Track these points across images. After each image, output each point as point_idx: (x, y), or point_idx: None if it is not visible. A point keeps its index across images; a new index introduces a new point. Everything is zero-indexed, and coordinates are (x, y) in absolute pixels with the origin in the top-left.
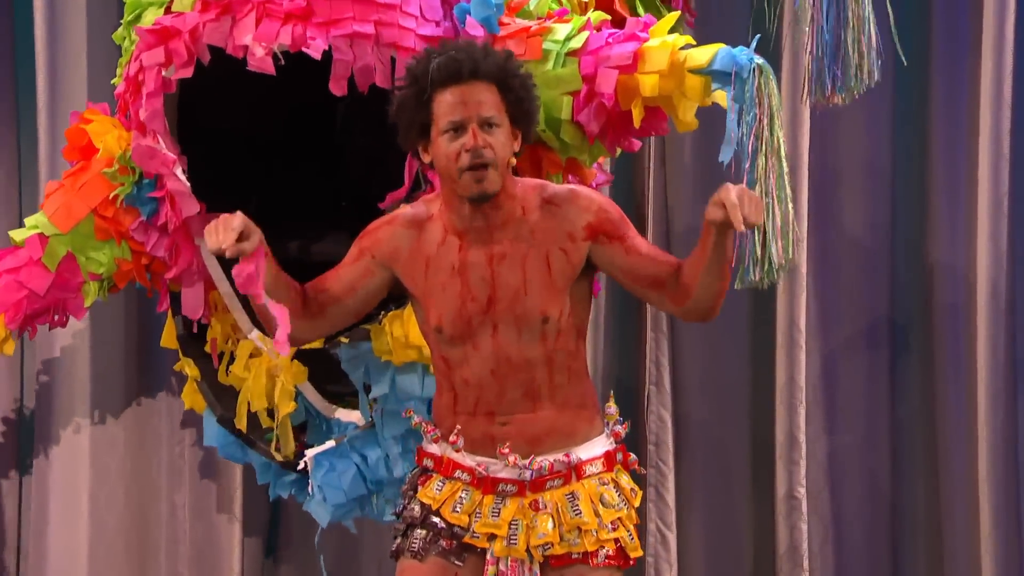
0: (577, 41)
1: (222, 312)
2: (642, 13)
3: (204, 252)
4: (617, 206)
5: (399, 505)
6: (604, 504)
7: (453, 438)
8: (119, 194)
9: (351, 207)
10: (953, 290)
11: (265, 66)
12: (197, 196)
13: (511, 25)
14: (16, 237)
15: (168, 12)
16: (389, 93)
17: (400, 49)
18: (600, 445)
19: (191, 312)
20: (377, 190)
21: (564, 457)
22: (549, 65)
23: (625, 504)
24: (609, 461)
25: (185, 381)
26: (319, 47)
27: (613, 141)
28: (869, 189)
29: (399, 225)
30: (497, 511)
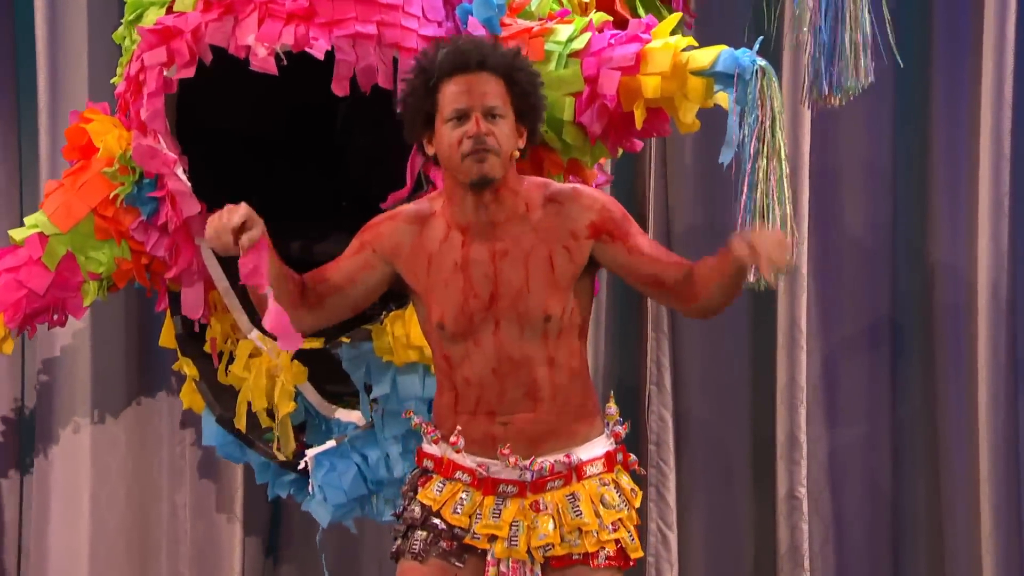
0: (579, 42)
1: (221, 312)
2: (643, 14)
3: (204, 252)
4: (620, 205)
5: (399, 506)
6: (605, 505)
7: (454, 439)
8: (119, 194)
9: (352, 207)
10: (954, 290)
11: (268, 66)
12: (197, 196)
13: (513, 26)
14: (16, 236)
15: (170, 12)
16: (390, 93)
17: (402, 50)
18: (600, 446)
19: (191, 312)
20: (378, 190)
21: (565, 458)
22: (551, 66)
23: (626, 505)
24: (609, 462)
25: (185, 380)
26: (322, 47)
27: (615, 142)
28: (870, 189)
29: (401, 220)
30: (498, 512)
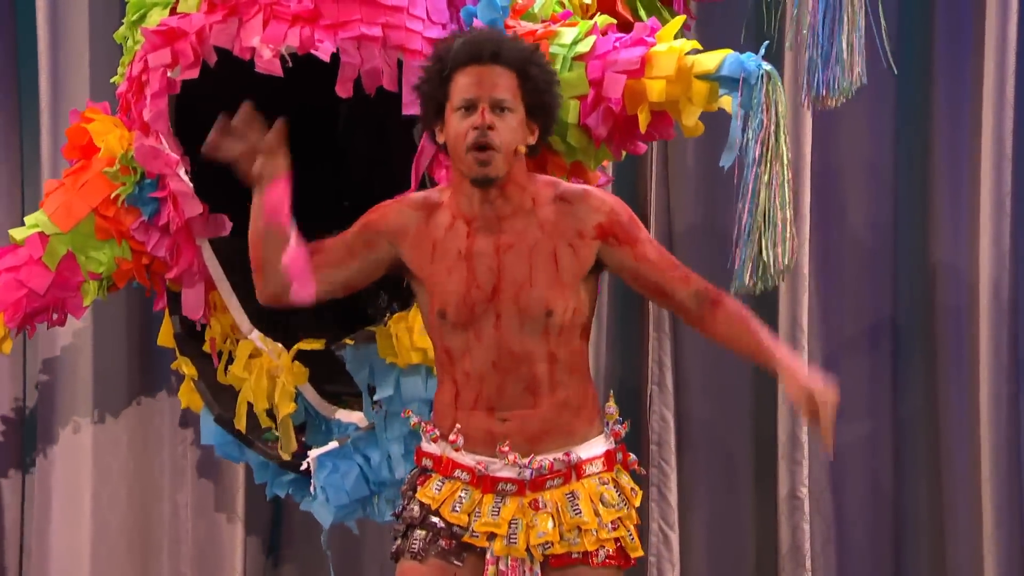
0: (584, 45)
1: (221, 312)
2: (644, 15)
3: (205, 252)
4: (629, 209)
5: (398, 506)
6: (604, 504)
7: (453, 437)
8: (120, 194)
9: (354, 208)
10: (955, 290)
11: (273, 68)
12: (199, 197)
13: (517, 28)
14: (16, 236)
15: (173, 13)
16: (391, 95)
17: (407, 52)
18: (600, 444)
19: (192, 313)
20: (380, 191)
21: (564, 456)
22: (556, 69)
23: (625, 504)
24: (609, 461)
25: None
26: (328, 49)
27: (619, 145)
28: (871, 189)
29: (408, 205)
30: (497, 510)
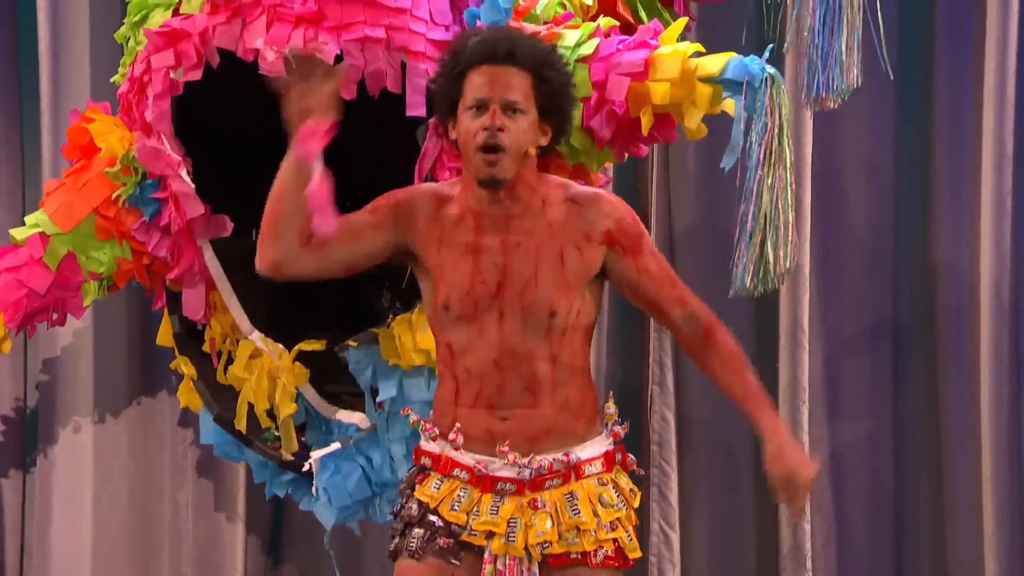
0: (588, 47)
1: (221, 312)
2: (644, 16)
3: (206, 253)
4: (638, 218)
5: (397, 504)
6: (603, 504)
7: (452, 436)
8: (121, 194)
9: (355, 209)
10: (956, 290)
11: (277, 70)
12: (201, 198)
13: (520, 30)
14: (17, 236)
15: (176, 14)
16: (394, 96)
17: (410, 54)
18: (599, 445)
19: (192, 313)
20: (381, 193)
21: (563, 456)
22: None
23: (624, 504)
24: (608, 461)
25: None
26: (332, 51)
27: (622, 147)
28: (872, 189)
29: (419, 193)
30: (495, 509)
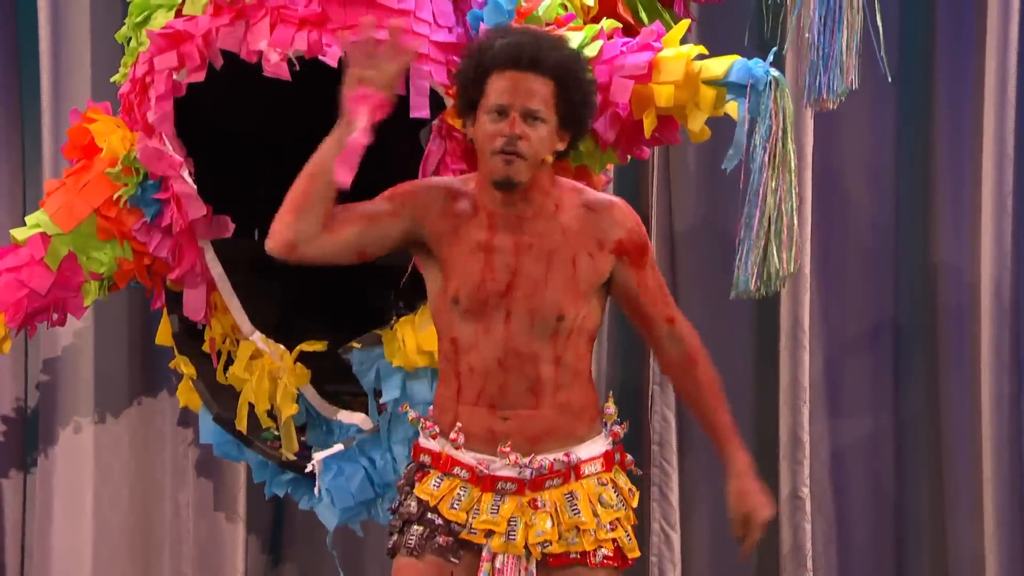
0: (591, 50)
1: (221, 312)
2: (644, 17)
3: (208, 254)
4: (646, 231)
5: (395, 501)
6: (602, 504)
7: (454, 435)
8: (123, 195)
9: None
10: (956, 290)
11: (281, 72)
12: (203, 198)
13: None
14: (18, 236)
15: (179, 15)
16: (399, 98)
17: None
18: (599, 445)
19: (193, 314)
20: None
21: (564, 456)
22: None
23: (623, 504)
24: (608, 461)
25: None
26: (335, 54)
27: (625, 150)
28: (873, 189)
29: (434, 186)
30: (496, 508)
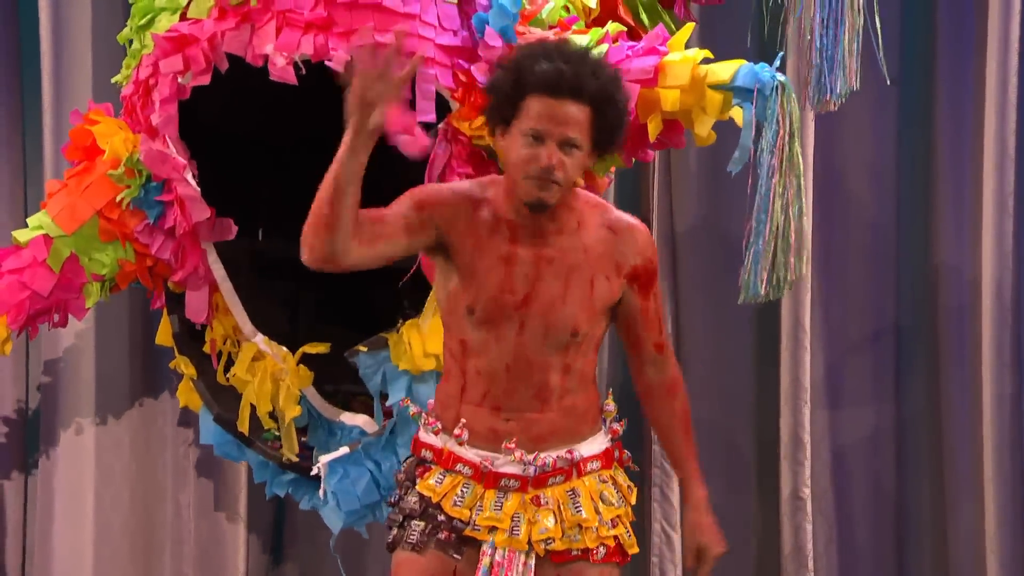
0: (596, 53)
1: (223, 313)
2: (645, 18)
3: (210, 255)
4: (658, 260)
5: (395, 495)
6: (604, 502)
7: (458, 431)
8: (125, 197)
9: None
10: (958, 290)
11: (287, 76)
12: (206, 200)
13: (527, 35)
14: (20, 238)
15: (183, 18)
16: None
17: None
18: (599, 442)
19: (195, 316)
20: (387, 195)
21: (567, 454)
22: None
23: (623, 501)
24: (608, 458)
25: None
26: (342, 58)
27: (630, 153)
28: (874, 190)
29: (459, 194)
30: (499, 505)
